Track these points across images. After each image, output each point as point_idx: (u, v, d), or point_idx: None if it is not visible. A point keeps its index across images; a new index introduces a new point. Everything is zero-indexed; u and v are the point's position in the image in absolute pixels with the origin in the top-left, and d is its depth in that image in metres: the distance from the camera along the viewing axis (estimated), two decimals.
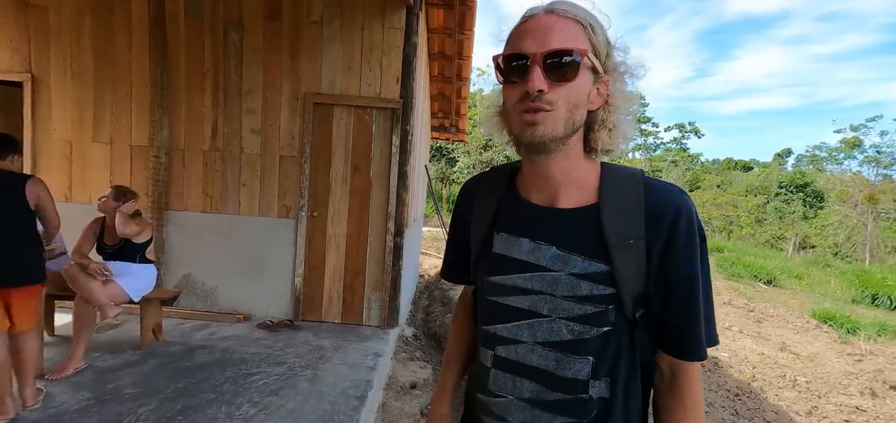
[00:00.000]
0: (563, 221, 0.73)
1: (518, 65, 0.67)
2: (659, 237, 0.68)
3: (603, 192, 0.72)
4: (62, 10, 3.96)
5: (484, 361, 0.80)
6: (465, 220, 0.88)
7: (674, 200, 0.69)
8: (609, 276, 0.68)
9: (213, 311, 3.97)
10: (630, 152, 24.80)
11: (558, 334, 0.71)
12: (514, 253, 0.75)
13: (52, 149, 4.04)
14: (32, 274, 2.25)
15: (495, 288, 0.77)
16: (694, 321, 0.68)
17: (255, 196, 3.99)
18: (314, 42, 3.88)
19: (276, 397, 2.72)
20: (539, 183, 0.75)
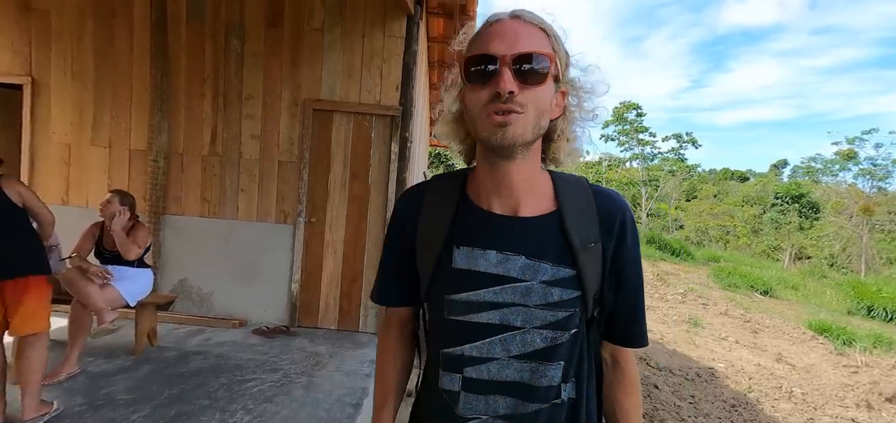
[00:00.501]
0: (529, 229, 0.72)
1: (486, 67, 0.66)
2: (612, 239, 0.73)
3: (560, 199, 0.74)
4: (64, 13, 3.98)
5: (448, 386, 0.74)
6: (408, 235, 0.80)
7: (620, 205, 0.75)
8: (575, 279, 0.71)
9: (209, 316, 3.95)
10: (627, 162, 24.94)
11: (532, 345, 0.71)
12: (481, 267, 0.72)
13: (51, 152, 4.04)
14: (30, 263, 2.20)
15: (459, 306, 0.73)
16: (640, 313, 0.76)
17: (254, 201, 3.99)
18: (315, 49, 3.90)
19: (271, 404, 2.71)
20: (501, 191, 0.73)
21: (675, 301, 7.31)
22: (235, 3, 3.92)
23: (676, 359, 3.98)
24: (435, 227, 0.76)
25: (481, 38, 0.68)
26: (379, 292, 0.86)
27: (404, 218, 0.81)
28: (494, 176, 0.72)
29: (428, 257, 0.76)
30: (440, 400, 0.75)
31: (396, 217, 0.83)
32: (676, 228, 23.60)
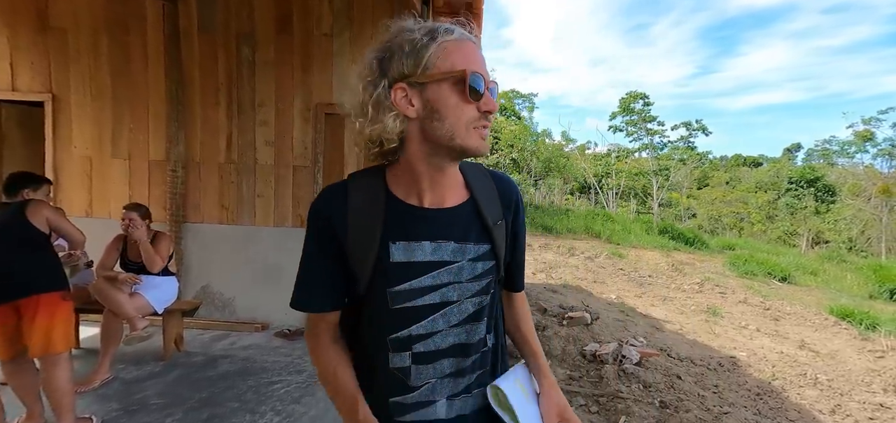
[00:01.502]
0: (454, 217, 0.83)
1: (482, 87, 0.75)
2: (510, 213, 0.89)
3: (472, 187, 0.86)
4: (80, 31, 4.07)
5: (399, 364, 0.82)
6: (338, 237, 0.80)
7: (512, 185, 0.92)
8: (491, 252, 0.85)
9: (232, 321, 4.02)
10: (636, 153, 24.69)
11: (466, 312, 0.83)
12: (418, 257, 0.80)
13: (73, 166, 4.14)
14: (45, 281, 2.23)
15: (402, 295, 0.80)
16: (523, 266, 0.98)
17: (270, 206, 4.05)
18: (324, 54, 3.94)
19: (299, 405, 2.76)
20: (436, 188, 0.82)
21: (691, 291, 7.25)
22: (245, 11, 3.98)
23: (697, 349, 3.95)
24: (367, 226, 0.79)
25: (470, 56, 0.75)
26: (309, 297, 0.83)
27: (332, 222, 0.80)
28: (437, 176, 0.81)
29: (364, 256, 0.79)
30: (391, 378, 0.83)
31: (322, 222, 0.81)
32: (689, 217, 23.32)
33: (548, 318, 4.10)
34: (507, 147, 16.93)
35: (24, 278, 2.20)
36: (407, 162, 0.80)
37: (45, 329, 2.19)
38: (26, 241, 2.24)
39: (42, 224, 2.28)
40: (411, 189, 0.81)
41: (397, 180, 0.82)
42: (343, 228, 0.80)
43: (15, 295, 2.18)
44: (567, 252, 10.53)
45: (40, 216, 2.27)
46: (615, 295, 6.22)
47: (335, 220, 0.80)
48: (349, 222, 0.79)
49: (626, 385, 2.84)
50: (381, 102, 0.76)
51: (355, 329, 0.87)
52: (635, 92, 23.18)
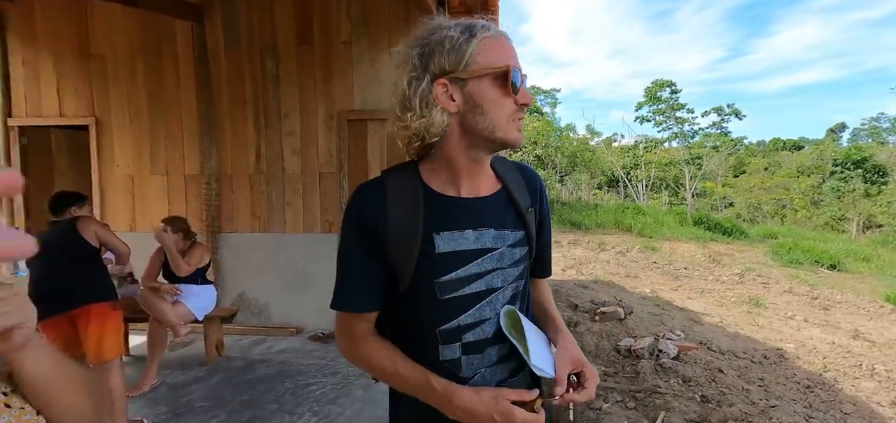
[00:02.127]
0: (491, 205, 0.85)
1: (521, 81, 0.78)
2: (537, 201, 0.92)
3: (503, 178, 0.89)
4: (118, 57, 4.30)
5: (448, 355, 0.82)
6: (378, 233, 0.79)
7: (536, 174, 0.96)
8: (525, 238, 0.88)
9: (268, 326, 4.14)
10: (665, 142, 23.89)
11: (508, 297, 0.86)
12: (462, 246, 0.81)
13: (117, 184, 4.37)
14: (96, 292, 2.38)
15: (449, 285, 0.80)
16: (550, 252, 1.00)
17: (299, 214, 4.15)
18: (344, 62, 4.01)
19: (334, 405, 2.81)
20: (469, 179, 0.84)
21: (731, 283, 6.93)
22: (268, 26, 4.10)
23: (739, 342, 3.77)
24: (408, 220, 0.79)
25: (504, 50, 0.78)
26: (351, 298, 0.83)
27: (370, 218, 0.80)
28: (474, 168, 0.83)
29: (407, 251, 0.78)
30: (442, 372, 0.81)
31: (359, 219, 0.81)
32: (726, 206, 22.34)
33: (579, 314, 4.02)
34: (530, 144, 16.73)
35: (77, 291, 2.35)
36: (445, 155, 0.81)
37: (97, 337, 2.33)
38: (78, 255, 2.39)
39: (92, 239, 2.42)
40: (449, 182, 0.82)
41: (433, 174, 0.83)
42: (383, 224, 0.79)
43: (69, 306, 2.32)
44: (597, 248, 10.31)
45: (90, 231, 2.42)
46: (649, 289, 6.04)
47: (374, 217, 0.79)
48: (389, 217, 0.79)
49: (664, 380, 2.75)
50: (426, 97, 0.77)
51: (394, 329, 0.86)
52: (661, 80, 22.48)
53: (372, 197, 0.81)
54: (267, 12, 4.10)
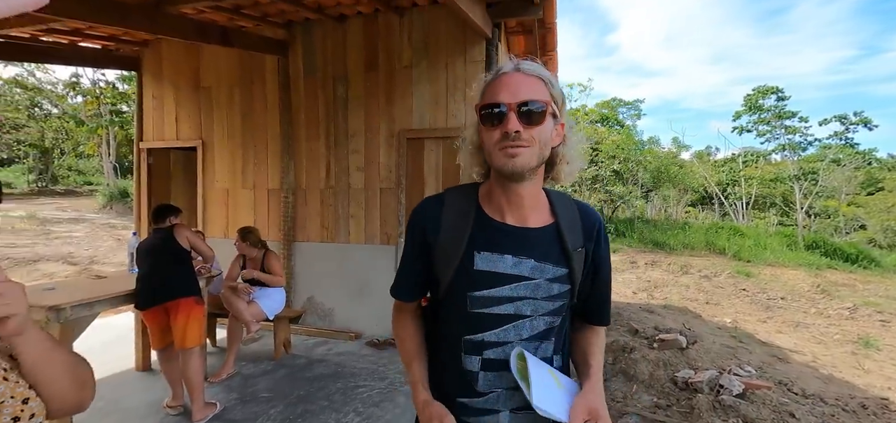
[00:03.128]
0: (536, 238, 0.90)
1: (497, 112, 0.83)
2: (592, 243, 0.93)
3: (557, 212, 0.92)
4: (221, 88, 5.03)
5: (470, 366, 0.91)
6: (428, 243, 0.93)
7: (596, 217, 0.96)
8: (568, 276, 0.90)
9: (331, 329, 4.50)
10: (770, 154, 21.19)
11: (537, 329, 0.90)
12: (499, 268, 0.88)
13: (215, 196, 5.09)
14: (184, 288, 2.82)
15: (481, 301, 0.88)
16: (609, 300, 0.99)
17: (361, 226, 4.47)
18: (405, 84, 4.28)
19: (377, 408, 2.99)
20: (513, 207, 0.90)
21: (838, 317, 5.95)
22: (340, 56, 4.53)
23: (833, 386, 3.25)
24: (456, 236, 0.90)
25: (493, 88, 0.86)
26: (400, 289, 1.01)
27: (426, 226, 0.95)
28: (508, 195, 0.89)
29: (449, 261, 0.90)
30: (461, 379, 0.92)
31: (418, 225, 0.96)
32: (854, 228, 19.12)
33: (638, 340, 3.79)
34: (608, 159, 15.92)
35: (171, 286, 2.81)
36: (490, 182, 0.93)
37: (183, 327, 2.76)
38: (174, 257, 2.87)
39: (184, 243, 2.89)
40: (496, 207, 0.91)
41: (486, 198, 0.93)
42: (435, 234, 0.92)
43: (164, 298, 2.79)
44: (679, 270, 9.48)
45: (183, 237, 2.89)
46: (731, 319, 5.43)
47: (428, 227, 0.94)
48: (441, 229, 0.92)
49: (721, 418, 2.50)
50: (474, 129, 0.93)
51: (436, 326, 0.99)
52: (765, 86, 20.07)
53: (431, 210, 0.95)
54: (340, 44, 4.53)
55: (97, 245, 8.76)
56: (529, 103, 0.82)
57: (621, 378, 3.19)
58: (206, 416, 2.80)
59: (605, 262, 0.95)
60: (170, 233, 2.88)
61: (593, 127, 18.36)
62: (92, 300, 2.58)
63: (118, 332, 4.30)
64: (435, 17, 4.15)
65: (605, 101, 23.92)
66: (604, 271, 0.96)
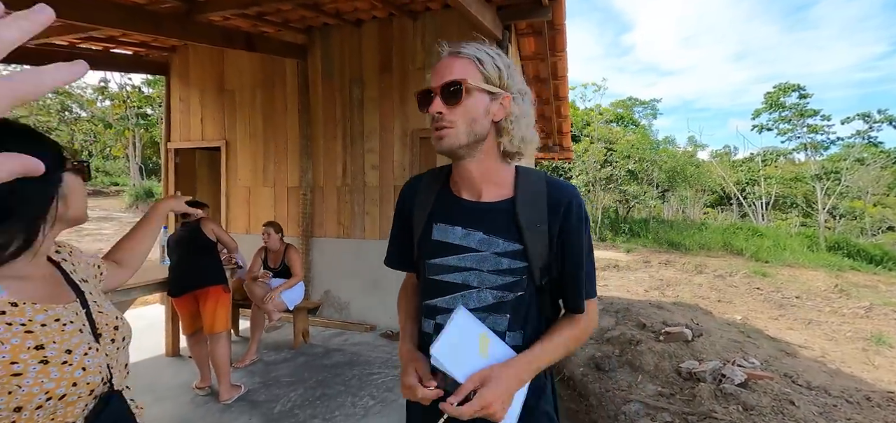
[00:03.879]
0: (487, 211, 0.93)
1: (427, 96, 0.90)
2: (558, 220, 0.91)
3: (517, 188, 0.93)
4: (243, 90, 5.28)
5: (426, 329, 0.99)
6: (406, 214, 1.04)
7: (568, 193, 0.92)
8: (522, 253, 0.90)
9: (347, 321, 4.68)
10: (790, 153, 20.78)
11: (485, 301, 0.92)
12: (450, 239, 0.94)
13: (238, 194, 5.33)
14: (213, 277, 3.05)
15: (434, 268, 0.96)
16: (579, 281, 0.92)
17: (376, 222, 4.65)
18: (418, 85, 4.38)
19: (390, 393, 3.15)
20: (466, 182, 0.95)
21: (852, 316, 5.88)
22: (357, 59, 4.71)
23: (839, 380, 3.28)
24: (423, 208, 1.00)
25: (434, 73, 0.91)
26: (388, 257, 1.11)
27: (405, 201, 1.06)
28: (459, 172, 0.94)
29: (417, 231, 1.00)
30: (422, 341, 0.99)
31: (401, 200, 1.08)
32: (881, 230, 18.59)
33: (644, 333, 3.87)
34: (622, 158, 15.84)
35: (200, 275, 3.03)
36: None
37: (212, 313, 2.98)
38: (202, 248, 3.08)
39: (210, 235, 3.10)
40: (455, 184, 0.97)
41: (452, 177, 0.99)
42: (411, 207, 1.03)
43: (194, 287, 3.00)
44: (693, 270, 9.43)
45: (209, 229, 3.10)
46: (741, 316, 5.44)
47: (408, 199, 1.05)
48: (415, 202, 1.02)
49: (722, 406, 2.58)
50: None
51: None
52: (786, 84, 19.67)
53: (412, 187, 1.06)
54: (356, 48, 4.72)
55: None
56: (451, 84, 0.85)
57: (627, 369, 3.29)
58: (232, 396, 3.01)
59: (574, 240, 0.90)
60: (197, 226, 3.09)
61: (608, 127, 18.27)
62: (129, 287, 2.80)
63: (150, 321, 4.57)
64: (447, 21, 4.30)
65: (621, 100, 23.74)
66: (573, 251, 0.91)
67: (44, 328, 0.74)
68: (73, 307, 0.83)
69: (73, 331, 0.79)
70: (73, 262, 0.96)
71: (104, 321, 0.87)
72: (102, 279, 1.06)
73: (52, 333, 0.75)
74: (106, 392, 0.81)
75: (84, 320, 0.83)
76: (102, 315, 0.88)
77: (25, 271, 0.78)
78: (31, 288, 0.78)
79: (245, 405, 2.96)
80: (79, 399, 0.75)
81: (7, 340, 0.69)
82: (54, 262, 0.91)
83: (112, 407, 0.80)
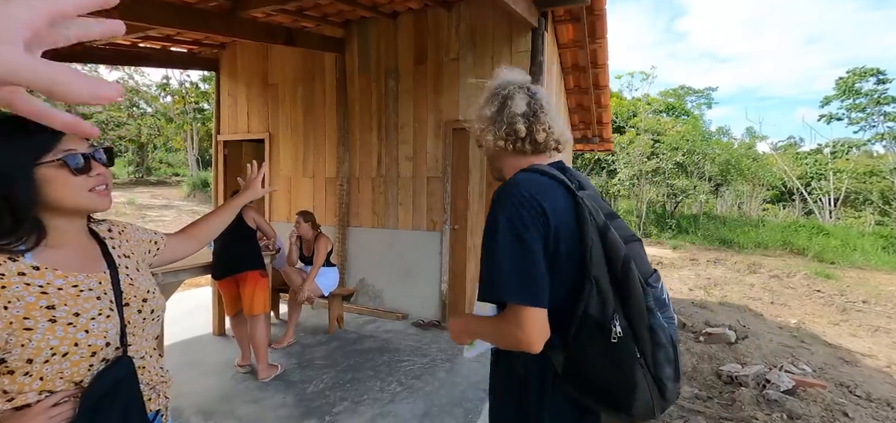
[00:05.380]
0: None
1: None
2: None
3: None
4: (286, 84, 5.49)
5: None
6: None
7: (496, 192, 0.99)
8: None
9: (380, 309, 4.80)
10: (865, 145, 18.85)
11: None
12: None
13: (281, 185, 5.58)
14: (252, 263, 3.21)
15: None
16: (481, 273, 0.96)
17: (409, 212, 4.71)
18: (452, 76, 4.43)
19: (418, 380, 3.20)
20: None
21: None
22: (392, 51, 4.77)
23: None
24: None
25: None
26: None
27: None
28: None
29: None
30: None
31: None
32: None
33: (683, 333, 3.69)
34: (671, 150, 15.05)
35: (240, 260, 3.21)
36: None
37: (250, 296, 3.15)
38: (243, 234, 3.26)
39: (251, 222, 3.27)
40: None
41: None
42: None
43: (236, 271, 3.19)
44: (745, 269, 8.84)
45: (249, 216, 3.27)
46: (797, 320, 5.04)
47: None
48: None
49: (765, 413, 2.42)
50: None
51: None
52: (862, 68, 17.87)
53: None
54: (391, 40, 4.78)
55: None
56: None
57: None
58: (269, 375, 3.18)
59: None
60: (239, 214, 3.26)
61: (656, 117, 17.41)
62: (177, 269, 3.02)
63: (199, 301, 4.90)
64: (481, 9, 4.26)
65: (671, 89, 22.53)
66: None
67: (60, 292, 0.82)
68: (97, 277, 0.90)
69: (89, 297, 0.86)
70: (122, 239, 1.05)
71: (133, 293, 0.95)
72: (158, 252, 1.16)
73: (66, 297, 0.83)
74: (115, 357, 0.88)
75: (107, 289, 0.91)
76: (133, 287, 0.96)
77: (59, 242, 0.88)
78: (59, 257, 0.87)
79: (281, 384, 3.11)
80: (81, 360, 0.82)
81: (23, 297, 0.78)
82: (99, 238, 1.00)
83: (114, 371, 0.87)
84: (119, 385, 0.88)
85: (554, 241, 0.89)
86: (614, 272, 0.85)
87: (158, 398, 1.02)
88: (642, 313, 0.83)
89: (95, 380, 0.84)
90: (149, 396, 0.98)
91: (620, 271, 0.84)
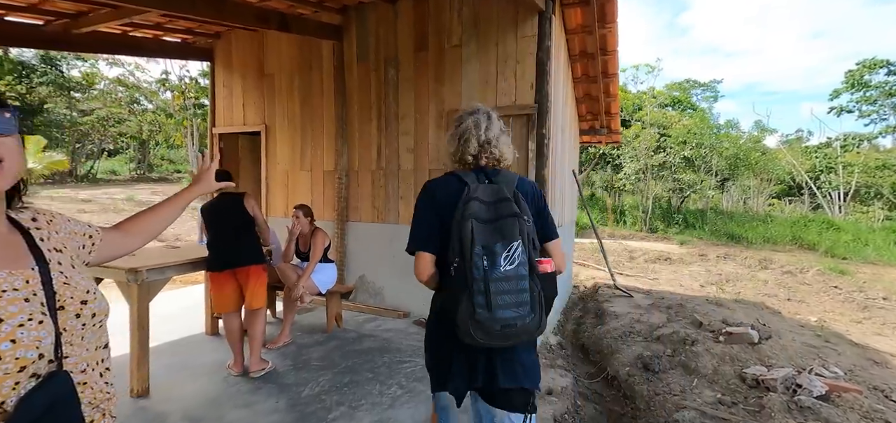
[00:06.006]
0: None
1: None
2: None
3: None
4: (282, 75, 5.30)
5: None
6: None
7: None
8: None
9: (381, 307, 4.61)
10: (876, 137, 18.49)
11: None
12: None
13: (277, 178, 5.39)
14: (254, 256, 3.06)
15: None
16: None
17: (410, 207, 4.51)
18: (454, 64, 4.22)
19: (419, 383, 3.02)
20: None
21: None
22: (391, 38, 4.57)
23: None
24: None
25: None
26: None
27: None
28: None
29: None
30: None
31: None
32: None
33: (701, 332, 3.48)
34: (678, 145, 14.78)
35: (242, 253, 3.05)
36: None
37: (252, 290, 3.02)
38: (242, 224, 3.08)
39: (251, 211, 3.09)
40: None
41: None
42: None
43: (235, 265, 3.03)
44: (757, 265, 8.61)
45: (250, 205, 3.10)
46: (817, 317, 4.82)
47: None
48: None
49: (797, 420, 2.22)
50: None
51: None
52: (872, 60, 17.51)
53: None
54: (391, 28, 4.57)
55: (182, 225, 9.72)
56: None
57: (680, 371, 2.95)
58: (261, 369, 3.04)
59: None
60: (239, 199, 3.08)
61: (662, 111, 17.12)
62: (163, 266, 2.84)
63: (194, 300, 4.73)
64: None
65: (677, 82, 22.22)
66: None
67: None
68: (24, 274, 0.74)
69: (14, 299, 0.70)
70: (51, 230, 0.87)
71: (69, 294, 0.78)
72: (94, 248, 0.98)
73: None
74: (49, 371, 0.70)
75: (37, 289, 0.74)
76: (68, 287, 0.79)
77: None
78: None
79: (273, 387, 2.93)
80: (6, 376, 0.65)
81: None
82: (23, 228, 0.82)
83: (48, 389, 0.69)
84: (54, 408, 0.70)
85: (438, 215, 1.40)
86: (461, 233, 1.28)
87: (103, 418, 0.84)
88: (469, 259, 1.25)
89: (23, 402, 0.67)
90: (92, 417, 0.81)
91: (463, 233, 1.27)
